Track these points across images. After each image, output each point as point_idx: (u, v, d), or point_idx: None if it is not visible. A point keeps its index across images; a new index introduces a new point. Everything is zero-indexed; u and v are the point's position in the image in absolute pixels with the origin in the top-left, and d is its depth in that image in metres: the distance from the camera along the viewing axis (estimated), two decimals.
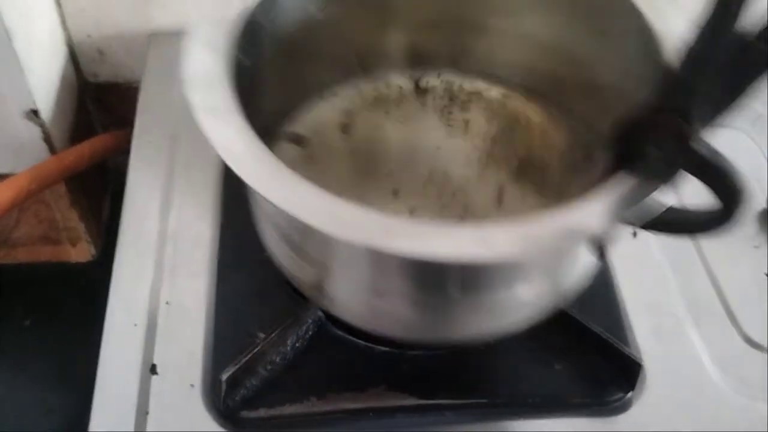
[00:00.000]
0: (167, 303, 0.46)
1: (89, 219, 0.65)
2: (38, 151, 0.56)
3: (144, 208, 0.50)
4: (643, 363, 0.43)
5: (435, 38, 0.49)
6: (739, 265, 0.50)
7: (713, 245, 0.51)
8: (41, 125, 0.55)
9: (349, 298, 0.39)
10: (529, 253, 0.32)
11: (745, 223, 0.53)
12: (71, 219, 0.63)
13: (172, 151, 0.53)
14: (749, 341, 0.47)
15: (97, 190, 0.68)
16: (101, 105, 0.67)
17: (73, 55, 0.62)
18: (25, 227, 0.64)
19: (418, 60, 0.50)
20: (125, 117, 0.57)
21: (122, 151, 0.56)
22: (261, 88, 0.39)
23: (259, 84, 0.39)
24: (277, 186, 0.31)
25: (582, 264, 0.40)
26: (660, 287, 0.49)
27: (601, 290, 0.47)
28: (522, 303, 0.39)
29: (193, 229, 0.49)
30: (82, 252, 0.67)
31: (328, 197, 0.31)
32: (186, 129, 0.54)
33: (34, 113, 0.54)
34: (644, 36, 0.39)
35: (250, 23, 0.38)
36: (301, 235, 0.36)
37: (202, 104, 0.33)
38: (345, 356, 0.43)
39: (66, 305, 0.65)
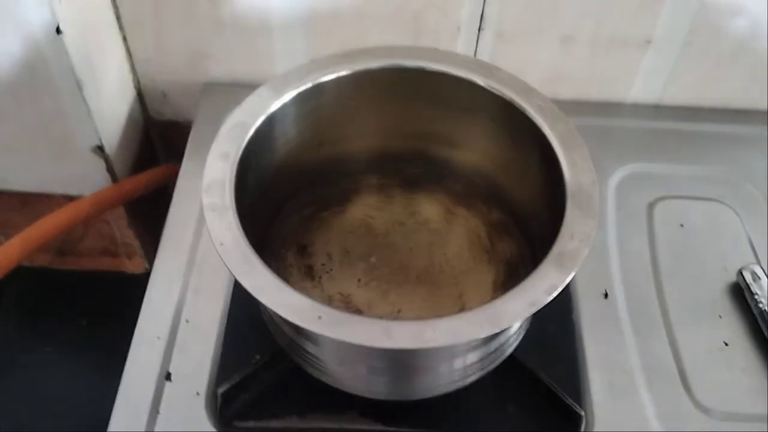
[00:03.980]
0: (187, 321, 0.54)
1: (145, 237, 0.75)
2: (102, 179, 0.66)
3: (180, 236, 0.59)
4: (583, 414, 0.48)
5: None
6: (701, 333, 0.55)
7: (679, 311, 0.55)
8: (105, 158, 0.64)
9: (315, 362, 0.46)
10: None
11: (714, 292, 0.57)
12: (128, 236, 0.73)
13: None
14: (698, 405, 0.51)
15: (154, 212, 0.77)
16: (165, 140, 0.76)
17: (141, 97, 0.72)
18: (89, 240, 0.74)
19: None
20: (185, 151, 0.67)
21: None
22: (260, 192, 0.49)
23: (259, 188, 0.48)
24: (246, 271, 0.40)
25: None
26: (620, 346, 0.53)
27: (565, 343, 0.53)
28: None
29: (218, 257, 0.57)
30: (137, 265, 0.77)
31: (282, 286, 0.39)
32: None
33: (100, 148, 0.63)
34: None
35: (254, 140, 0.47)
36: None
37: (210, 204, 0.42)
38: (326, 384, 0.50)
39: (119, 310, 0.75)
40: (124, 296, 0.75)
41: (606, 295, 0.56)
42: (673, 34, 0.64)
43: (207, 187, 0.43)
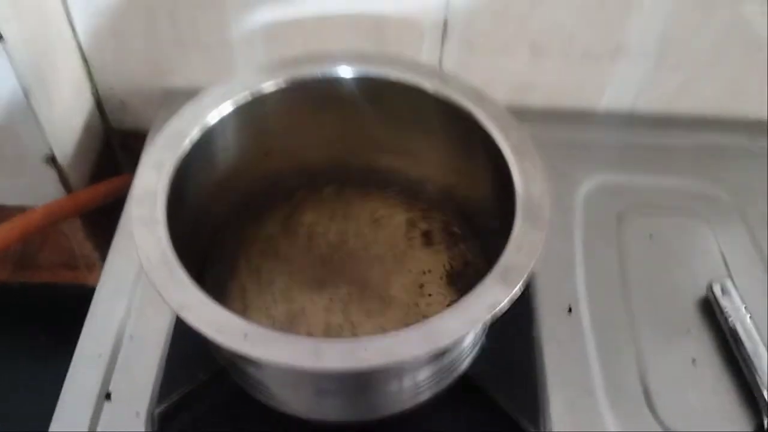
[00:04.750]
0: (131, 337, 0.52)
1: (104, 249, 0.72)
2: (55, 190, 0.64)
3: (128, 249, 0.57)
4: None
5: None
6: (669, 350, 0.52)
7: (647, 327, 0.53)
8: (58, 169, 0.62)
9: (255, 384, 0.44)
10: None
11: (683, 307, 0.54)
12: (86, 248, 0.71)
13: None
14: (662, 425, 0.49)
15: (115, 223, 0.75)
16: (126, 149, 0.74)
17: (99, 105, 0.70)
18: (47, 253, 0.72)
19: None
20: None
21: None
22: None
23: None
24: (171, 287, 0.38)
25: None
26: (583, 364, 0.51)
27: (524, 360, 0.51)
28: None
29: None
30: (97, 277, 0.74)
31: (209, 302, 0.37)
32: None
33: (52, 159, 0.61)
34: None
35: (192, 151, 0.45)
36: None
37: (139, 216, 0.40)
38: (269, 405, 0.48)
39: (78, 323, 0.73)
40: (83, 309, 0.74)
41: (570, 310, 0.54)
42: (645, 42, 0.62)
43: (138, 199, 0.41)
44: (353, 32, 0.62)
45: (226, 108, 0.46)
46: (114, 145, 0.74)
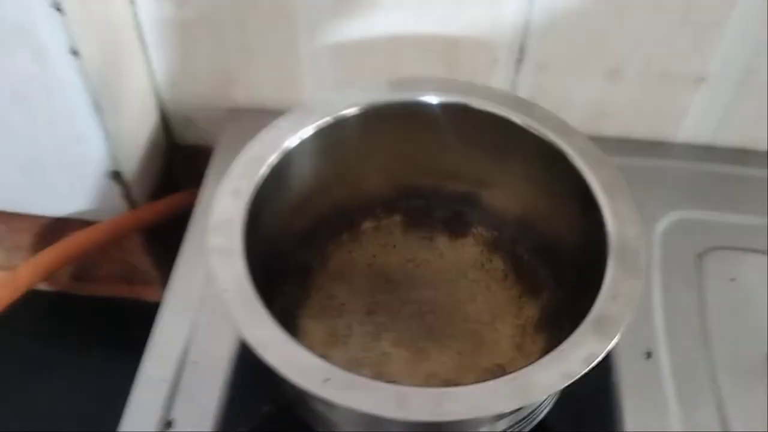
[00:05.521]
0: (194, 362, 0.51)
1: (163, 265, 0.72)
2: (119, 205, 0.64)
3: (193, 270, 0.56)
4: None
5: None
6: (751, 397, 0.50)
7: (728, 374, 0.50)
8: (122, 184, 0.62)
9: (324, 420, 0.43)
10: None
11: (766, 353, 0.52)
12: (145, 264, 0.70)
13: None
14: None
15: (174, 240, 0.74)
16: (188, 164, 0.74)
17: (165, 121, 0.69)
18: (106, 267, 0.72)
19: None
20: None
21: None
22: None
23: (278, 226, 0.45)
24: (251, 323, 0.36)
25: None
26: (663, 412, 0.48)
27: (602, 408, 0.48)
28: None
29: None
30: (154, 293, 0.74)
31: (289, 342, 0.35)
32: None
33: (117, 174, 0.61)
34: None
35: (269, 178, 0.43)
36: None
37: (216, 246, 0.39)
38: None
39: (134, 338, 0.73)
40: (139, 324, 0.74)
41: (649, 355, 0.51)
42: (730, 71, 0.59)
43: (215, 227, 0.40)
44: (424, 53, 0.61)
45: (307, 132, 0.45)
46: (176, 160, 0.73)
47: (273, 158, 0.43)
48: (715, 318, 0.54)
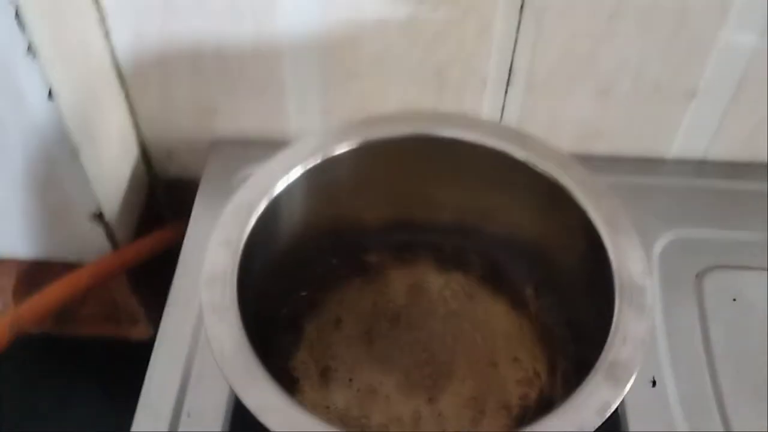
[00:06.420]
0: (188, 415, 0.49)
1: (150, 302, 0.70)
2: (102, 246, 0.61)
3: (183, 313, 0.54)
4: None
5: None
6: (760, 421, 0.49)
7: (735, 398, 0.49)
8: (105, 225, 0.60)
9: None
10: None
11: None
12: (131, 304, 0.68)
13: None
14: None
15: (160, 276, 0.72)
16: (170, 197, 0.72)
17: (145, 155, 0.67)
18: (90, 307, 0.69)
19: None
20: (191, 213, 0.62)
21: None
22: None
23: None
24: (249, 387, 0.35)
25: None
26: None
27: None
28: None
29: None
30: (141, 331, 0.72)
31: (290, 405, 0.34)
32: None
33: (99, 216, 0.59)
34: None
35: (260, 224, 0.42)
36: None
37: (210, 301, 0.37)
38: None
39: (122, 378, 0.71)
40: (127, 363, 0.72)
41: (654, 383, 0.50)
42: (721, 85, 0.59)
43: (208, 281, 0.38)
44: (412, 78, 0.59)
45: (296, 173, 0.43)
46: (157, 193, 0.71)
47: (263, 204, 0.42)
48: (719, 340, 0.53)
